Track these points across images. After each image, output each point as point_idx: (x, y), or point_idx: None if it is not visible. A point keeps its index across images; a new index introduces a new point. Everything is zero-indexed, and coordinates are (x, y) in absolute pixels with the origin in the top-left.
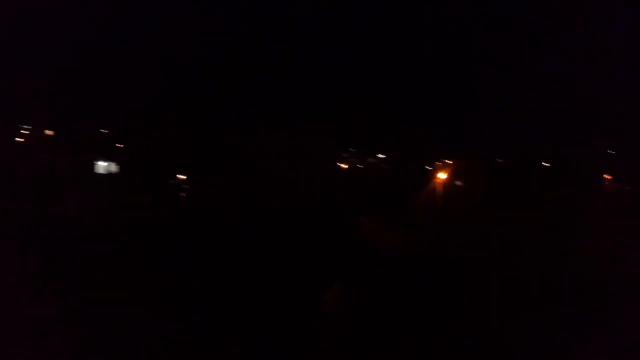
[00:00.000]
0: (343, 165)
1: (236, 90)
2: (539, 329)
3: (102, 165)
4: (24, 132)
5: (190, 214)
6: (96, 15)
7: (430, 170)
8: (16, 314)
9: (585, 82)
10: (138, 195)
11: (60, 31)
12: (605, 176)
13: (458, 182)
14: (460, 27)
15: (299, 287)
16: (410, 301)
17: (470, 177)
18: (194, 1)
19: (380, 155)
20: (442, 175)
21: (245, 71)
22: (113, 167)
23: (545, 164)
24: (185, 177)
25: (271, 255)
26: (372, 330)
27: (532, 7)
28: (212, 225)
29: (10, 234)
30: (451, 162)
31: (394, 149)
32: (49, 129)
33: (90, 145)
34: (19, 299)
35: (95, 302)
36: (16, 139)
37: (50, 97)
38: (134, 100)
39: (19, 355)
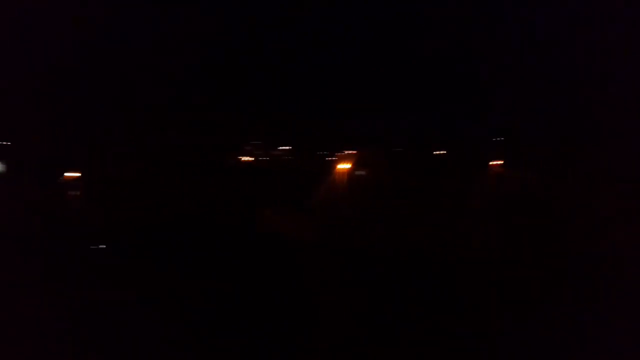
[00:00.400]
0: (246, 159)
1: (123, 80)
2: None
3: None
4: None
5: (82, 214)
6: None
7: (333, 160)
8: None
9: (475, 70)
10: (21, 196)
11: None
12: (495, 162)
13: (360, 172)
14: (363, 16)
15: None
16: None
17: (372, 167)
18: None
19: (283, 148)
20: (344, 166)
21: (126, 60)
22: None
23: (439, 152)
24: (79, 175)
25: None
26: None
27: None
28: (107, 224)
29: None
30: (354, 153)
31: (297, 140)
32: None
33: None
34: None
35: None
36: None
37: None
38: (17, 90)
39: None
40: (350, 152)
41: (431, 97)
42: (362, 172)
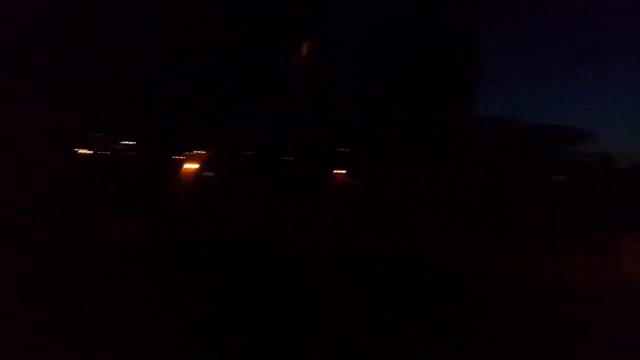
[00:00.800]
0: (84, 152)
1: None
2: None
3: None
4: None
5: None
6: None
7: (180, 159)
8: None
9: (324, 84)
10: None
11: None
12: (338, 171)
13: (208, 173)
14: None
15: None
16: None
17: (221, 167)
18: None
19: (127, 142)
20: (192, 166)
21: None
22: None
23: (286, 157)
24: None
25: None
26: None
27: None
28: None
29: None
30: (202, 152)
31: (143, 135)
32: None
33: None
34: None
35: None
36: None
37: None
38: None
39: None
40: (198, 152)
41: (280, 104)
42: (210, 174)
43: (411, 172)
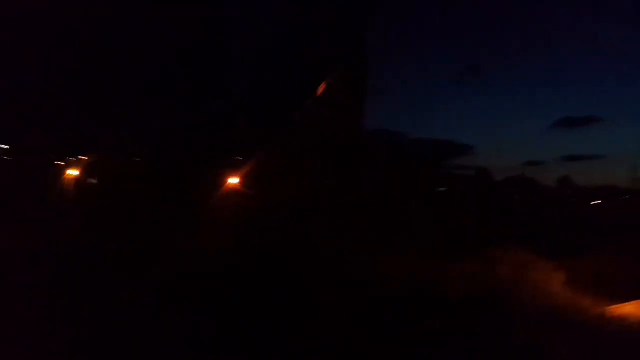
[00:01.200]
0: None
1: None
2: None
3: None
4: None
5: None
6: None
7: (61, 165)
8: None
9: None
10: None
11: None
12: (233, 180)
13: (92, 180)
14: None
15: None
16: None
17: (107, 174)
18: None
19: (2, 146)
20: (74, 172)
21: None
22: None
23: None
24: None
25: None
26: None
27: None
28: None
29: None
30: (86, 158)
31: (19, 139)
32: None
33: None
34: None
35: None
36: None
37: None
38: None
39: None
40: (82, 157)
41: (171, 111)
42: (94, 180)
43: (300, 182)
